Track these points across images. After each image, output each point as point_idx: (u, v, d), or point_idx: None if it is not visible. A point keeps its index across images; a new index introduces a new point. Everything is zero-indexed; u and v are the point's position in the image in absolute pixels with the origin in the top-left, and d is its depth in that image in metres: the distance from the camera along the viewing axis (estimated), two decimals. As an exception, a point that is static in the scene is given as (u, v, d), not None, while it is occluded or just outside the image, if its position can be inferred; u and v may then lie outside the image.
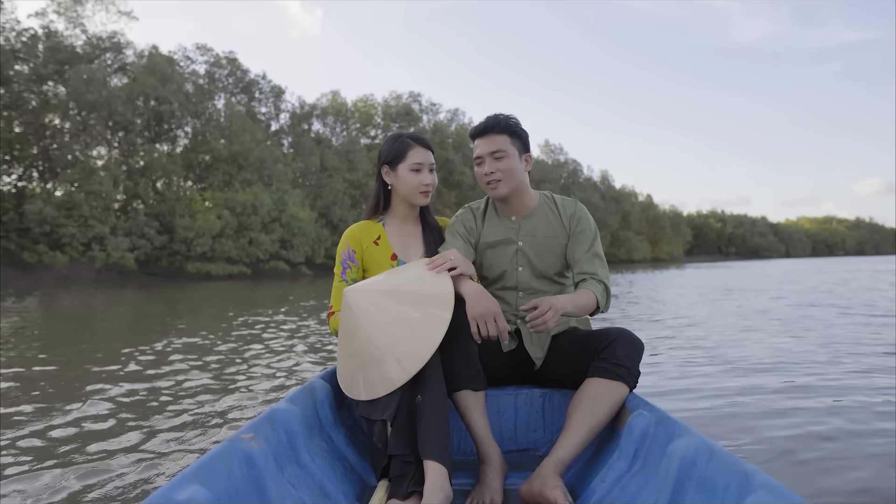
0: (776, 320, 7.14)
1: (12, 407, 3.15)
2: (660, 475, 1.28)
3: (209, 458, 1.09)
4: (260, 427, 1.32)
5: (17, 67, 24.00)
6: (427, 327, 1.51)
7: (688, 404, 3.16)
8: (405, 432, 1.46)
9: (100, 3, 29.82)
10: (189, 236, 25.55)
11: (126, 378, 3.94)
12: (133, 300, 13.57)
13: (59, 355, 4.93)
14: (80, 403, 3.30)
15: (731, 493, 1.04)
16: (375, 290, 1.61)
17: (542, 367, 1.89)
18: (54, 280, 22.59)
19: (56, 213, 21.80)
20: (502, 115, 1.87)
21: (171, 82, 28.38)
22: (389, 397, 1.49)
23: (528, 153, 1.88)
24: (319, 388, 1.73)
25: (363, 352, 1.54)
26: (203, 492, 0.98)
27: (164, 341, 5.66)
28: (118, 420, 2.93)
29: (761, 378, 3.75)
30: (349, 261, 1.92)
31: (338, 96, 44.86)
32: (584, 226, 1.88)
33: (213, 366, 4.37)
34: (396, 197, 1.95)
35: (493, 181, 1.82)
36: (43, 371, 4.21)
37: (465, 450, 1.87)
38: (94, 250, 22.57)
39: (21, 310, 10.06)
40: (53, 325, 7.94)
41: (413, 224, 2.01)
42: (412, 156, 1.88)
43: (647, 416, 1.49)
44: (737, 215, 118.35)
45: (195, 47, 35.37)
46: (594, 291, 1.77)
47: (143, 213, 25.08)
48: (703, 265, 50.50)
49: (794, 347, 5.01)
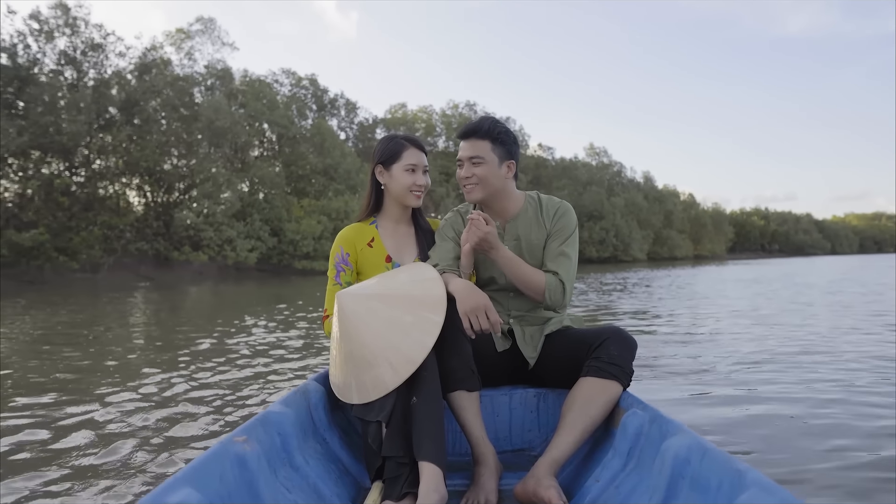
0: (790, 309, 7.98)
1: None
2: (654, 474, 1.29)
3: (201, 461, 1.09)
4: (253, 430, 1.32)
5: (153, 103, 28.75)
6: (419, 331, 1.53)
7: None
8: (400, 434, 1.47)
9: (205, 35, 34.89)
10: (295, 238, 30.41)
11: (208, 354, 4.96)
12: (251, 290, 17.36)
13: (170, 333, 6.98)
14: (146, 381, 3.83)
15: (724, 492, 1.04)
16: (368, 294, 1.62)
17: (536, 367, 1.87)
18: (189, 275, 27.59)
19: (197, 219, 26.86)
20: (489, 120, 1.86)
21: (275, 107, 33.48)
22: (384, 399, 1.49)
23: (510, 160, 1.86)
24: (313, 391, 1.73)
25: (356, 355, 1.55)
26: (195, 495, 0.99)
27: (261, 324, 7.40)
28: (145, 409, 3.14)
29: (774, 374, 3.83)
30: (343, 264, 1.92)
31: (403, 108, 49.67)
32: (561, 224, 1.87)
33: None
34: (389, 197, 1.97)
35: (468, 185, 1.84)
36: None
37: (459, 450, 1.85)
38: (226, 250, 27.52)
39: (161, 299, 13.54)
40: (194, 306, 11.16)
41: (406, 226, 2.02)
42: (407, 156, 1.91)
43: (641, 415, 1.50)
44: (781, 212, 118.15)
45: (282, 71, 40.73)
46: (546, 279, 1.79)
47: (258, 219, 29.97)
48: (740, 262, 51.91)
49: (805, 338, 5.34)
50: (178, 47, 33.26)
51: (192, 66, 33.15)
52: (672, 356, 4.58)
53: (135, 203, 29.55)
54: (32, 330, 7.29)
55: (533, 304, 1.90)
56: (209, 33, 34.39)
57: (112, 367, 4.54)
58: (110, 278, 23.73)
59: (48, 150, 24.18)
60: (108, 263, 24.24)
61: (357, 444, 1.80)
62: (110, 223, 25.73)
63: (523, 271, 1.79)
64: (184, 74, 31.16)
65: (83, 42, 26.95)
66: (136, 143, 27.15)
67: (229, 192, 28.89)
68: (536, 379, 1.92)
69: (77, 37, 26.70)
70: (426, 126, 50.55)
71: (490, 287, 1.94)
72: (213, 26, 34.00)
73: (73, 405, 3.34)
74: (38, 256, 21.80)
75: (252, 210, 30.11)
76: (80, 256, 23.15)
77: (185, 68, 32.60)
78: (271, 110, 33.27)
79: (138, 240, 26.29)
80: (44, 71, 25.43)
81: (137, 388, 3.72)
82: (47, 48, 25.84)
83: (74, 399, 3.49)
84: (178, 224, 26.70)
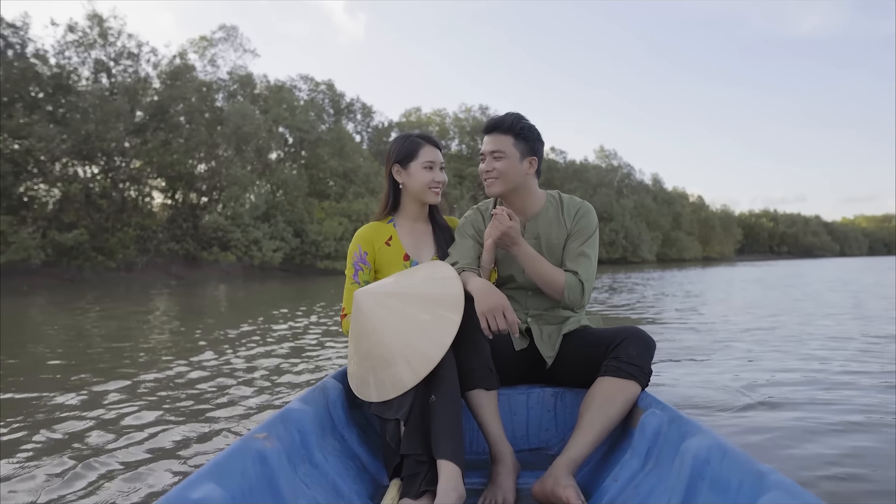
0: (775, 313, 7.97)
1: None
2: (673, 474, 1.27)
3: (223, 458, 1.10)
4: (273, 427, 1.33)
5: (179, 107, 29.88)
6: (437, 329, 1.52)
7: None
8: (418, 432, 1.46)
9: (227, 42, 36.07)
10: (317, 239, 31.14)
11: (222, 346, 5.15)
12: (276, 288, 18.05)
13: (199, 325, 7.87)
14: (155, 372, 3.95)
15: (744, 493, 1.02)
16: (385, 293, 1.62)
17: (554, 366, 1.85)
18: (216, 274, 28.70)
19: (225, 221, 27.88)
20: (513, 115, 1.84)
21: (296, 112, 34.54)
22: (403, 397, 1.50)
23: (532, 156, 1.84)
24: (332, 388, 1.74)
25: (374, 354, 1.56)
26: (218, 490, 1.00)
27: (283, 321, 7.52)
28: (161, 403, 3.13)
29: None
30: (361, 262, 1.91)
31: (417, 112, 50.80)
32: (582, 225, 1.86)
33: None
34: (407, 196, 1.96)
35: (488, 178, 1.83)
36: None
37: (477, 449, 1.83)
38: (252, 250, 28.52)
39: (190, 295, 14.09)
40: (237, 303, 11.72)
41: (423, 224, 2.01)
42: (424, 154, 1.90)
43: (660, 415, 1.47)
44: (789, 214, 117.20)
45: (300, 77, 41.91)
46: (566, 279, 1.78)
47: (281, 220, 30.88)
48: (748, 263, 51.93)
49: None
50: (201, 54, 34.49)
51: (215, 72, 34.34)
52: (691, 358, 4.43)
53: (164, 205, 30.45)
54: (110, 320, 7.61)
55: (551, 303, 1.89)
56: (231, 41, 35.62)
57: (144, 357, 4.68)
58: (142, 277, 24.79)
59: (88, 156, 25.28)
60: (141, 263, 25.40)
61: (375, 442, 1.81)
62: (143, 224, 26.69)
63: (544, 269, 1.78)
64: (208, 80, 32.40)
65: (117, 52, 28.19)
66: (165, 147, 28.05)
67: (255, 195, 29.80)
68: (554, 378, 1.91)
69: (112, 46, 27.92)
70: (440, 129, 51.30)
71: (508, 285, 1.94)
72: (235, 34, 35.06)
73: (101, 384, 3.60)
74: (77, 256, 22.80)
75: (276, 212, 30.80)
76: (116, 256, 24.23)
77: (209, 74, 33.68)
78: (292, 115, 34.10)
79: (169, 240, 27.23)
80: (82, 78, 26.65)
81: (170, 376, 3.88)
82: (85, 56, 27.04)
83: (102, 381, 3.72)
84: (206, 225, 27.53)
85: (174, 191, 30.37)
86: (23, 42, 24.10)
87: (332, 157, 35.15)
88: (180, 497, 0.94)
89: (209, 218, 27.58)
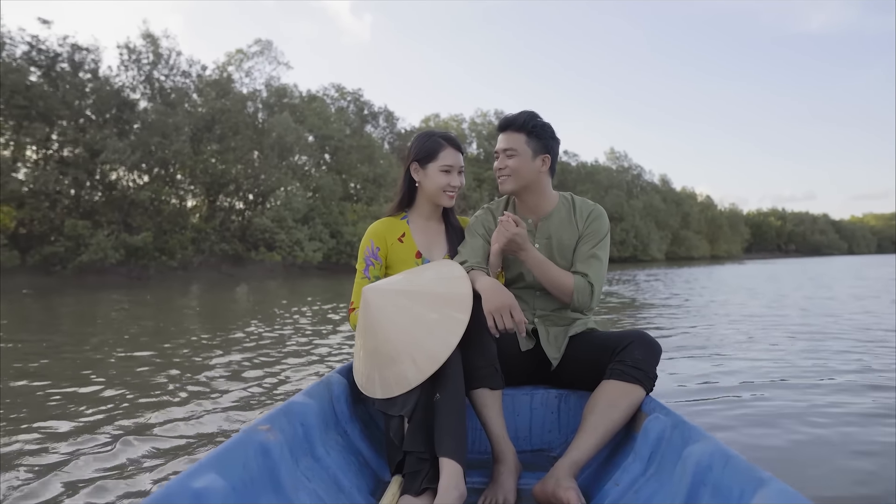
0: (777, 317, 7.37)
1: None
2: (674, 480, 1.25)
3: (226, 448, 1.10)
4: (276, 419, 1.33)
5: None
6: (444, 329, 1.50)
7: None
8: (422, 429, 1.44)
9: (262, 56, 38.66)
10: (352, 240, 32.59)
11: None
12: (317, 284, 19.68)
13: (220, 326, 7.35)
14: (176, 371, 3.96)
15: (746, 500, 1.00)
16: (394, 290, 1.60)
17: (559, 368, 1.81)
18: (261, 272, 31.13)
19: (271, 224, 30.12)
20: (526, 113, 1.80)
21: (329, 121, 36.81)
22: (408, 394, 1.47)
23: (545, 154, 1.79)
24: (336, 383, 1.72)
25: (380, 350, 1.53)
26: (219, 481, 1.00)
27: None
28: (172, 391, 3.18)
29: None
30: (372, 258, 1.87)
31: (436, 117, 53.24)
32: (594, 227, 1.82)
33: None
34: (422, 195, 1.91)
35: (501, 176, 1.81)
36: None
37: (479, 448, 1.81)
38: (295, 251, 30.48)
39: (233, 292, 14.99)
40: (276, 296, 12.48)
41: (437, 223, 1.97)
42: (443, 156, 1.85)
43: (663, 420, 1.45)
44: (797, 213, 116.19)
45: (331, 86, 44.29)
46: (575, 281, 1.74)
47: (319, 223, 32.84)
48: (750, 262, 52.26)
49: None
50: (237, 66, 37.18)
51: (251, 83, 36.68)
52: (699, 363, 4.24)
53: (215, 208, 32.19)
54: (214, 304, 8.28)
55: (559, 305, 1.85)
56: (266, 54, 38.19)
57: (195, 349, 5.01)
58: (198, 275, 27.37)
59: (153, 166, 27.58)
60: (197, 262, 28.09)
61: (377, 438, 1.79)
62: (198, 227, 29.15)
63: (552, 273, 1.75)
64: (247, 93, 34.75)
65: (171, 69, 30.64)
66: (219, 156, 30.08)
67: (297, 199, 31.70)
68: (558, 380, 1.87)
69: (165, 66, 30.46)
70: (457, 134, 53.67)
71: (516, 285, 1.90)
72: (269, 47, 37.50)
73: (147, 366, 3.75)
74: (143, 256, 25.09)
75: (314, 215, 32.68)
76: (176, 256, 26.61)
77: (246, 86, 35.68)
78: (326, 125, 35.99)
79: (220, 241, 29.21)
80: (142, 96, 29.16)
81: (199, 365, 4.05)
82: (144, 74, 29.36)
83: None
84: (255, 228, 29.52)
85: (224, 196, 32.29)
86: (96, 63, 26.70)
87: (361, 163, 37.25)
88: (181, 486, 0.94)
89: (257, 221, 29.94)
